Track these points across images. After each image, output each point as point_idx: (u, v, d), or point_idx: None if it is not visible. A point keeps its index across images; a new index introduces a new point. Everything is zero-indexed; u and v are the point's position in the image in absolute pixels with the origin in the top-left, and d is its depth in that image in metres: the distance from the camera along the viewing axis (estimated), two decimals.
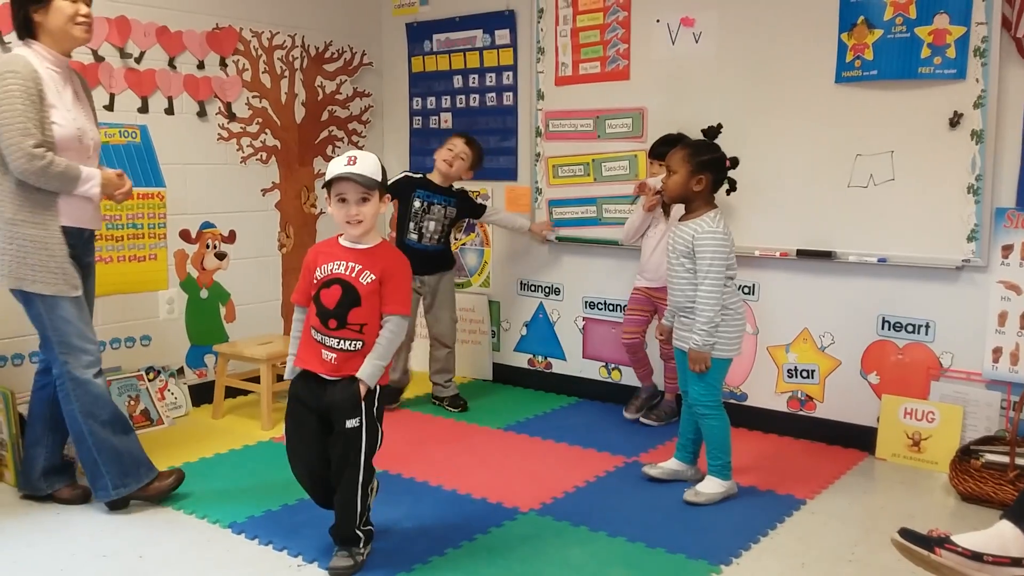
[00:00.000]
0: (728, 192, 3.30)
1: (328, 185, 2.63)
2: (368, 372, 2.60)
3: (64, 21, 2.93)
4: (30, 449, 3.20)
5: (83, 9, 2.98)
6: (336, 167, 2.60)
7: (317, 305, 2.63)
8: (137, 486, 3.10)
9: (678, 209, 3.56)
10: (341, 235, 2.71)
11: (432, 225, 4.23)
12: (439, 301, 4.35)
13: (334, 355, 2.61)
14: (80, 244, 3.06)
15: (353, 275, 2.62)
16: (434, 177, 4.25)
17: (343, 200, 2.61)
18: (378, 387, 2.66)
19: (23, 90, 2.83)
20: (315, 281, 2.66)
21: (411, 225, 4.20)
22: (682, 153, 3.14)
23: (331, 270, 2.64)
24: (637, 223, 4.00)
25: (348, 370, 2.60)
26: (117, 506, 3.11)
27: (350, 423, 2.59)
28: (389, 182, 3.94)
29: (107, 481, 3.05)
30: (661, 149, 3.86)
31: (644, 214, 3.95)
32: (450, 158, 4.18)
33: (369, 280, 2.61)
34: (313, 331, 2.64)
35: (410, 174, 4.31)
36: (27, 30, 2.96)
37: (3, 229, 2.91)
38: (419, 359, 4.68)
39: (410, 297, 2.72)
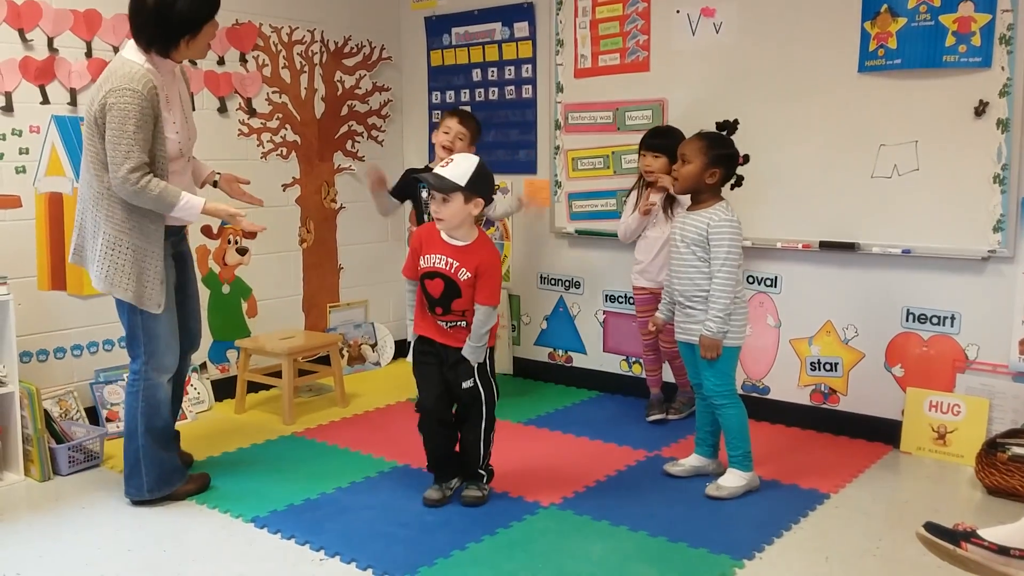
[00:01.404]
0: (732, 187, 3.27)
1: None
2: (469, 352, 2.99)
3: (205, 45, 3.00)
4: None
5: (217, 27, 3.02)
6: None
7: (424, 292, 3.02)
8: (170, 491, 3.16)
9: (679, 207, 3.59)
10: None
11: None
12: None
13: (449, 327, 3.02)
14: (177, 235, 3.18)
15: (452, 271, 2.94)
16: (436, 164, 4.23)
17: (434, 198, 2.93)
18: (487, 348, 3.04)
19: (139, 111, 2.81)
20: (420, 268, 3.00)
21: (425, 217, 4.20)
22: (699, 144, 3.12)
23: (433, 263, 2.97)
24: (634, 225, 3.98)
25: (460, 340, 3.00)
26: (141, 503, 3.14)
27: (465, 384, 3.01)
28: (393, 184, 4.04)
29: (143, 482, 3.11)
30: (655, 141, 3.85)
31: (641, 218, 3.93)
32: (448, 141, 4.04)
33: (466, 277, 2.94)
34: (425, 308, 3.04)
35: (413, 167, 4.28)
36: (164, 50, 2.91)
37: (109, 233, 2.94)
38: None
39: (499, 289, 3.03)
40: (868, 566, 2.66)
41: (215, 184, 3.40)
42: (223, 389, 4.39)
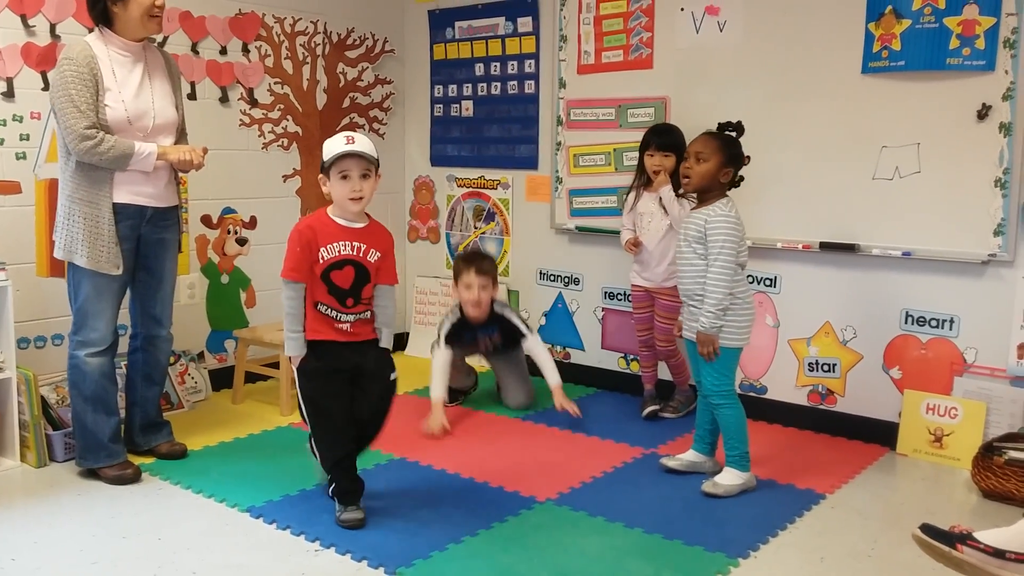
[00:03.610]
0: (730, 187, 3.26)
1: (329, 166, 2.75)
2: (387, 340, 2.94)
3: (140, 14, 3.10)
4: (130, 408, 3.50)
5: (159, 1, 3.12)
6: (338, 146, 2.75)
7: (329, 285, 2.82)
8: (94, 466, 3.26)
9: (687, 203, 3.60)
10: (326, 212, 2.85)
11: (483, 349, 4.20)
12: (510, 375, 4.26)
13: (348, 325, 2.86)
14: (142, 221, 3.24)
15: (361, 255, 2.83)
16: (469, 315, 4.02)
17: (345, 177, 2.77)
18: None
19: (76, 75, 3.01)
20: (321, 261, 2.80)
21: (466, 359, 4.25)
22: (716, 143, 3.12)
23: (339, 251, 2.81)
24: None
25: (365, 334, 2.89)
26: (87, 474, 3.28)
27: (393, 375, 2.95)
28: (444, 334, 3.96)
29: (77, 449, 3.30)
30: (664, 140, 3.85)
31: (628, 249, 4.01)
32: (474, 298, 3.92)
33: (376, 258, 2.86)
34: (322, 307, 2.84)
35: (451, 322, 4.03)
36: (103, 19, 3.12)
37: (64, 205, 3.14)
38: None
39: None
40: (863, 567, 2.66)
41: None
42: (221, 379, 4.39)
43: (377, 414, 2.98)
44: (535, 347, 4.08)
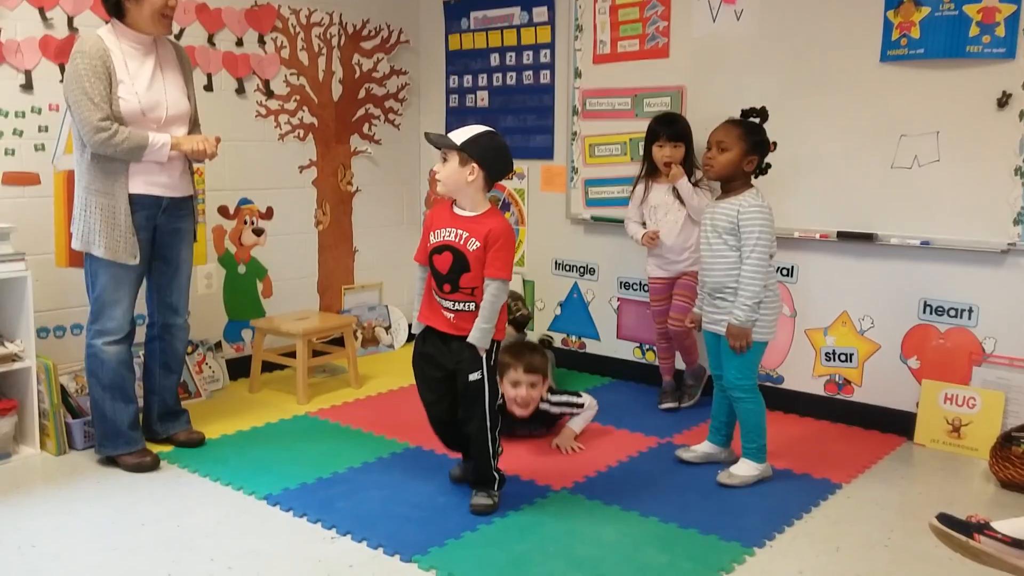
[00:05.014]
0: (757, 175, 3.24)
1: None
2: (477, 336, 2.82)
3: (152, 12, 3.13)
4: (148, 396, 3.53)
5: (172, 2, 3.17)
6: None
7: (432, 270, 2.90)
8: (113, 453, 3.30)
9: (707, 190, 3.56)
10: (454, 200, 2.92)
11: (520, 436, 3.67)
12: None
13: (452, 315, 2.87)
14: (158, 211, 3.27)
15: (461, 242, 2.83)
16: (512, 412, 3.52)
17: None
18: (494, 343, 2.88)
19: (89, 67, 3.03)
20: (429, 245, 2.90)
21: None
22: (738, 131, 3.08)
23: (443, 237, 2.87)
24: (636, 239, 4.02)
25: (466, 328, 2.84)
26: (106, 462, 3.32)
27: (473, 376, 2.84)
28: None
29: (96, 436, 3.33)
30: (672, 130, 3.84)
31: (642, 243, 3.97)
32: (523, 397, 3.48)
33: (475, 247, 2.82)
34: (433, 292, 2.91)
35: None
36: (116, 12, 3.15)
37: (80, 197, 3.18)
38: None
39: (511, 264, 2.87)
40: (879, 557, 2.65)
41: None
42: (238, 368, 4.41)
43: (465, 418, 2.91)
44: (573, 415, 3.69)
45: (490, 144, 2.84)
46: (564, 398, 3.66)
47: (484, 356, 2.85)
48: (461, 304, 2.85)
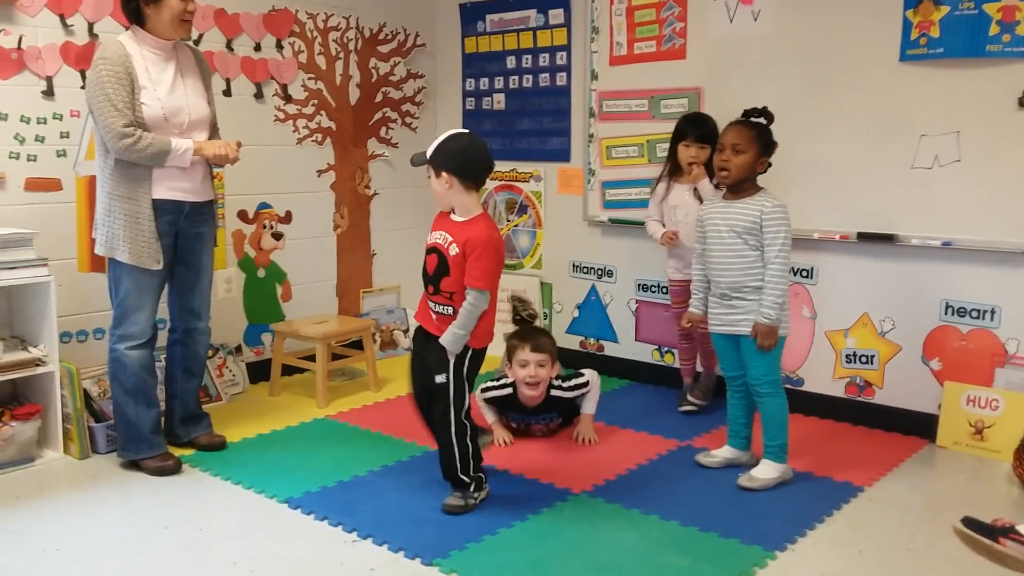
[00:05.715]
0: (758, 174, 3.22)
1: None
2: (448, 339, 2.82)
3: (171, 17, 3.16)
4: (170, 400, 3.56)
5: (191, 7, 3.20)
6: None
7: (423, 270, 2.94)
8: (136, 457, 3.32)
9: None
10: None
11: (537, 435, 3.73)
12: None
13: (435, 316, 2.91)
14: (181, 216, 3.30)
15: (445, 245, 2.85)
16: (524, 397, 3.57)
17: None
18: (469, 349, 2.86)
19: (112, 74, 3.06)
20: (426, 246, 2.94)
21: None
22: (751, 133, 3.09)
23: (434, 239, 2.91)
24: (656, 237, 4.01)
25: (443, 330, 2.85)
26: (129, 466, 3.34)
27: (438, 379, 2.86)
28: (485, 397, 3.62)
29: (119, 440, 3.36)
30: (701, 131, 3.81)
31: (662, 243, 3.97)
32: (531, 376, 3.49)
33: (455, 252, 2.82)
34: (424, 289, 2.96)
35: (498, 393, 3.63)
36: (136, 18, 3.18)
37: (103, 203, 3.20)
38: None
39: (491, 274, 2.82)
40: (902, 561, 2.63)
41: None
42: (258, 372, 4.44)
43: (433, 419, 2.96)
44: (585, 394, 3.70)
45: (455, 148, 2.82)
46: (573, 381, 3.68)
47: (452, 361, 2.84)
48: (441, 307, 2.88)
